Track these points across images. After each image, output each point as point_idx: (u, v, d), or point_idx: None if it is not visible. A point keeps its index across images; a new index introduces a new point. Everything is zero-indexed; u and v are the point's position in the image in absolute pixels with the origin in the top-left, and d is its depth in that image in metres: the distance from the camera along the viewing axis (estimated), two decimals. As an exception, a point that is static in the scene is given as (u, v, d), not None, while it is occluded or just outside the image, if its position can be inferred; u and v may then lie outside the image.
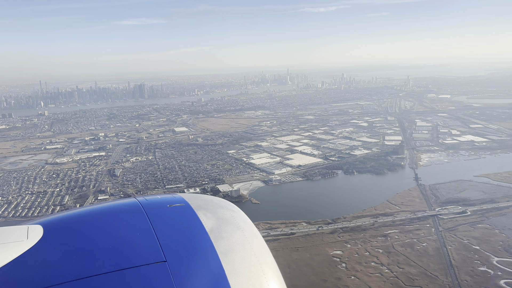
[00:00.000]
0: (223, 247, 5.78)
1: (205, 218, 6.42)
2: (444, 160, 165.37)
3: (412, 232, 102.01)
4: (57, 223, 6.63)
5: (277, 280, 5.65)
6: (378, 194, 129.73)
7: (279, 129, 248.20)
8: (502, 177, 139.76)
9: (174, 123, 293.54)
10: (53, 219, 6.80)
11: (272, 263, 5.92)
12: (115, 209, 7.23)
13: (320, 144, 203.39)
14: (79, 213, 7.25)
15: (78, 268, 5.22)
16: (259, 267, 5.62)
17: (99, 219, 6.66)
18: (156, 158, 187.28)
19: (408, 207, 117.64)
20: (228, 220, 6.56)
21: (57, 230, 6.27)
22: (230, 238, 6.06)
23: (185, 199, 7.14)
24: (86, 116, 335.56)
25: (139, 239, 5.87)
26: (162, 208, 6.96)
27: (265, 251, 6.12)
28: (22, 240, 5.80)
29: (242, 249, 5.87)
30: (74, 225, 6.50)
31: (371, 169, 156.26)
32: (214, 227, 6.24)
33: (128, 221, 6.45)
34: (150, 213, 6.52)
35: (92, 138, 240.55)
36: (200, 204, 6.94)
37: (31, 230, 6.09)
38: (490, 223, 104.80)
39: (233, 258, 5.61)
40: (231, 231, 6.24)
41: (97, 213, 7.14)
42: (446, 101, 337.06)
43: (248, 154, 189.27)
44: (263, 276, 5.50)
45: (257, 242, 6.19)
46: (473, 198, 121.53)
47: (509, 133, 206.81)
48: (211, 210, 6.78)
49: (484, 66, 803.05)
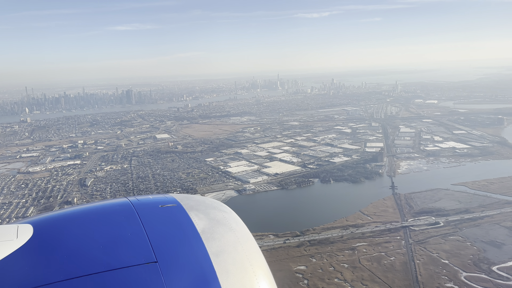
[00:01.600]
0: (215, 248, 5.72)
1: (197, 219, 6.32)
2: (423, 168, 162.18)
3: (381, 245, 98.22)
4: (48, 223, 6.51)
5: (268, 281, 5.57)
6: (352, 203, 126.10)
7: (262, 136, 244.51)
8: (479, 185, 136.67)
9: (157, 129, 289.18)
10: (43, 218, 6.68)
11: (263, 264, 5.84)
12: (106, 209, 7.05)
13: (301, 151, 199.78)
14: (69, 213, 7.08)
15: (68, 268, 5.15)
16: (250, 268, 5.56)
17: (90, 219, 6.52)
18: (131, 167, 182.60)
19: (380, 218, 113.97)
20: (220, 221, 6.43)
21: (47, 230, 6.15)
22: (221, 239, 5.97)
23: (177, 200, 7.01)
24: (68, 123, 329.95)
25: (130, 239, 5.77)
26: (153, 208, 6.80)
27: (256, 252, 6.01)
28: (12, 239, 5.70)
29: (234, 250, 5.79)
30: (65, 225, 6.35)
31: (348, 177, 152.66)
32: (205, 228, 6.14)
33: (119, 221, 6.29)
34: (141, 213, 6.39)
35: (70, 146, 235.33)
36: (192, 205, 6.81)
37: (21, 229, 5.98)
38: (463, 235, 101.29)
39: (224, 259, 5.55)
40: (222, 232, 6.13)
41: (88, 212, 7.00)
42: (433, 107, 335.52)
43: (227, 162, 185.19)
44: (254, 277, 5.46)
45: (248, 243, 6.10)
46: (447, 208, 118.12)
47: (492, 139, 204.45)
48: (203, 211, 6.64)
49: (474, 71, 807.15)
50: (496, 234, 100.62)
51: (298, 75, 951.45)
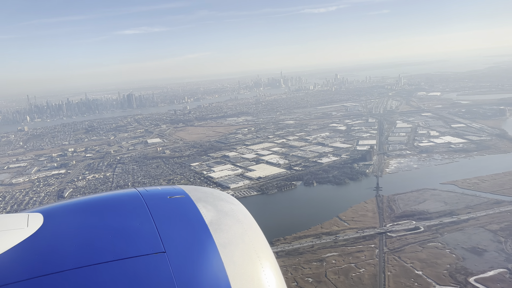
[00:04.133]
0: (222, 239, 5.71)
1: (205, 210, 6.31)
2: (413, 166, 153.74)
3: (352, 254, 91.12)
4: (57, 212, 6.60)
5: (275, 273, 5.61)
6: (331, 208, 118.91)
7: (253, 137, 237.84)
8: (470, 183, 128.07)
9: (151, 133, 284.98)
10: (53, 207, 6.79)
11: (270, 256, 5.84)
12: (115, 199, 7.11)
13: (290, 152, 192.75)
14: (79, 202, 7.15)
15: (77, 257, 5.20)
16: (257, 259, 5.57)
17: (99, 209, 6.56)
18: (114, 175, 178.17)
19: (358, 224, 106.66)
20: (228, 213, 6.39)
21: (57, 218, 6.23)
22: (229, 230, 5.94)
23: (185, 191, 6.96)
24: (64, 130, 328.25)
25: (139, 229, 5.80)
26: (162, 199, 6.84)
27: (263, 244, 6.01)
28: (22, 227, 5.75)
29: (241, 242, 5.80)
30: (74, 214, 6.43)
31: (332, 179, 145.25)
32: (213, 219, 6.12)
33: (128, 211, 6.36)
34: (150, 204, 6.41)
35: (60, 155, 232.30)
36: (200, 196, 6.79)
37: (31, 218, 6.02)
38: (443, 241, 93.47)
39: (231, 250, 5.57)
40: (230, 224, 6.09)
41: (98, 202, 7.04)
42: (435, 99, 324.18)
43: (212, 166, 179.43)
44: (261, 269, 5.48)
45: (256, 235, 6.08)
46: (431, 210, 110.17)
47: (491, 132, 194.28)
48: (211, 203, 6.61)
49: (484, 60, 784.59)
50: (479, 239, 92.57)
51: (305, 72, 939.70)
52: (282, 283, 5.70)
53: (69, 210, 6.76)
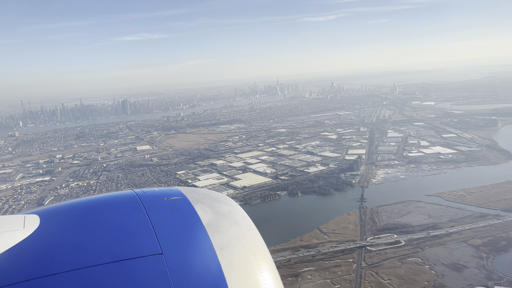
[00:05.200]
0: (220, 241, 5.69)
1: (202, 212, 6.28)
2: (400, 177, 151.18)
3: (329, 269, 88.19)
4: (54, 213, 6.56)
5: (273, 275, 5.56)
6: (312, 219, 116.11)
7: (243, 145, 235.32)
8: (456, 196, 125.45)
9: (141, 140, 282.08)
10: (50, 208, 6.79)
11: (268, 258, 5.81)
12: (112, 201, 7.07)
13: (278, 161, 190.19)
14: (76, 204, 7.14)
15: (74, 258, 5.18)
16: (254, 261, 5.54)
17: (96, 210, 6.52)
18: (97, 183, 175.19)
19: (338, 237, 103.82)
20: (225, 215, 6.36)
21: (54, 220, 6.18)
22: (226, 232, 5.91)
23: (182, 192, 6.94)
24: (55, 136, 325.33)
25: (136, 231, 5.78)
26: (159, 200, 6.76)
27: (261, 245, 5.96)
28: (19, 229, 5.74)
29: (239, 243, 5.75)
30: (71, 215, 6.39)
31: (317, 189, 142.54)
32: (211, 221, 6.09)
33: (125, 213, 6.30)
34: (147, 205, 6.36)
35: (47, 161, 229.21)
36: (197, 198, 6.74)
37: (28, 220, 6.00)
38: (423, 256, 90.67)
39: (229, 252, 5.54)
40: (228, 225, 6.05)
41: (94, 204, 6.95)
42: (428, 109, 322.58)
43: (197, 174, 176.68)
44: (258, 270, 5.44)
45: (253, 237, 6.04)
46: (414, 223, 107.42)
47: (481, 142, 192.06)
48: (209, 204, 6.57)
49: (481, 70, 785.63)
50: (461, 254, 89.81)
51: (302, 80, 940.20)
52: (279, 285, 5.58)
53: (66, 211, 6.63)
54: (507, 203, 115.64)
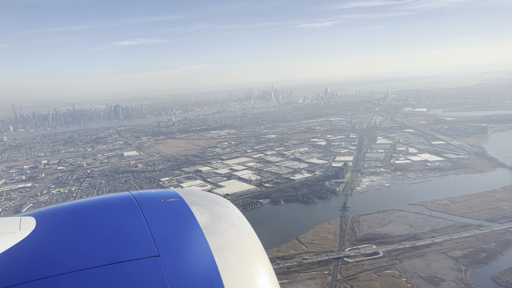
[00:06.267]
0: (217, 243, 5.64)
1: (199, 214, 6.22)
2: (385, 185, 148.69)
3: (303, 282, 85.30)
4: (50, 215, 6.47)
5: (270, 277, 5.52)
6: (292, 229, 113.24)
7: (231, 151, 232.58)
8: (440, 205, 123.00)
9: (130, 146, 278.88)
10: (46, 210, 6.66)
11: (265, 259, 5.76)
12: (108, 203, 7.01)
13: (264, 168, 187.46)
14: (72, 206, 7.06)
15: (70, 261, 5.14)
16: (251, 263, 5.48)
17: (92, 212, 6.47)
18: (79, 190, 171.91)
19: (316, 247, 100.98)
20: (222, 216, 6.31)
21: (50, 222, 6.12)
22: (223, 234, 5.87)
23: (179, 194, 6.87)
24: (43, 141, 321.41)
25: (133, 233, 5.73)
26: (156, 202, 6.71)
27: (258, 247, 5.92)
28: (15, 231, 5.69)
29: (235, 245, 5.70)
30: (67, 217, 6.31)
31: (300, 198, 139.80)
32: (208, 223, 6.05)
33: (121, 215, 6.27)
34: (144, 207, 6.32)
35: (31, 167, 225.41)
36: (194, 200, 6.69)
37: (24, 222, 5.97)
38: (401, 268, 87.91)
39: (226, 254, 5.50)
40: (225, 227, 6.02)
41: (91, 206, 6.91)
42: (420, 115, 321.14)
43: (181, 181, 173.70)
44: (255, 272, 5.39)
45: (250, 239, 5.99)
46: (395, 233, 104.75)
47: (470, 150, 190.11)
48: (206, 206, 6.52)
49: (475, 76, 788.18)
50: (439, 267, 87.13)
51: (298, 85, 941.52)
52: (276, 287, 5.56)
53: (62, 213, 6.54)
54: (491, 213, 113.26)
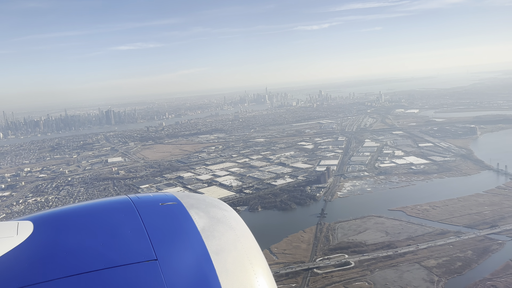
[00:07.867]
0: (215, 246, 5.63)
1: (197, 217, 6.20)
2: (367, 189, 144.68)
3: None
4: (48, 219, 6.44)
5: (268, 280, 5.48)
6: (265, 238, 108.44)
7: (217, 156, 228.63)
8: (420, 210, 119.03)
9: (116, 152, 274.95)
10: (43, 214, 6.64)
11: (263, 263, 5.72)
12: (106, 206, 6.95)
13: (248, 173, 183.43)
14: (70, 210, 6.98)
15: (68, 265, 5.12)
16: (250, 266, 5.45)
17: (90, 216, 6.45)
18: (56, 198, 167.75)
19: (287, 257, 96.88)
20: (220, 220, 6.30)
21: (48, 226, 6.09)
22: (221, 237, 5.87)
23: (177, 198, 6.84)
24: (30, 148, 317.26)
25: (130, 237, 5.71)
26: (154, 206, 6.66)
27: (256, 251, 5.88)
28: (12, 236, 5.68)
29: (234, 249, 5.70)
30: (65, 222, 6.27)
31: (278, 204, 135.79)
32: (206, 226, 6.04)
33: (119, 219, 6.22)
34: (141, 211, 6.30)
35: (13, 175, 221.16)
36: (192, 203, 6.67)
37: (21, 226, 5.96)
38: (371, 279, 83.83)
39: (224, 257, 5.49)
40: (223, 231, 6.01)
41: (88, 210, 6.87)
42: (411, 117, 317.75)
43: (161, 188, 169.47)
44: (253, 276, 5.35)
45: (248, 242, 5.97)
46: (369, 242, 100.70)
47: (457, 152, 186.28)
48: (203, 209, 6.50)
49: (470, 77, 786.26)
50: (411, 277, 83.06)
51: (294, 88, 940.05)
52: None
53: (59, 217, 6.48)
54: (471, 218, 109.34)
